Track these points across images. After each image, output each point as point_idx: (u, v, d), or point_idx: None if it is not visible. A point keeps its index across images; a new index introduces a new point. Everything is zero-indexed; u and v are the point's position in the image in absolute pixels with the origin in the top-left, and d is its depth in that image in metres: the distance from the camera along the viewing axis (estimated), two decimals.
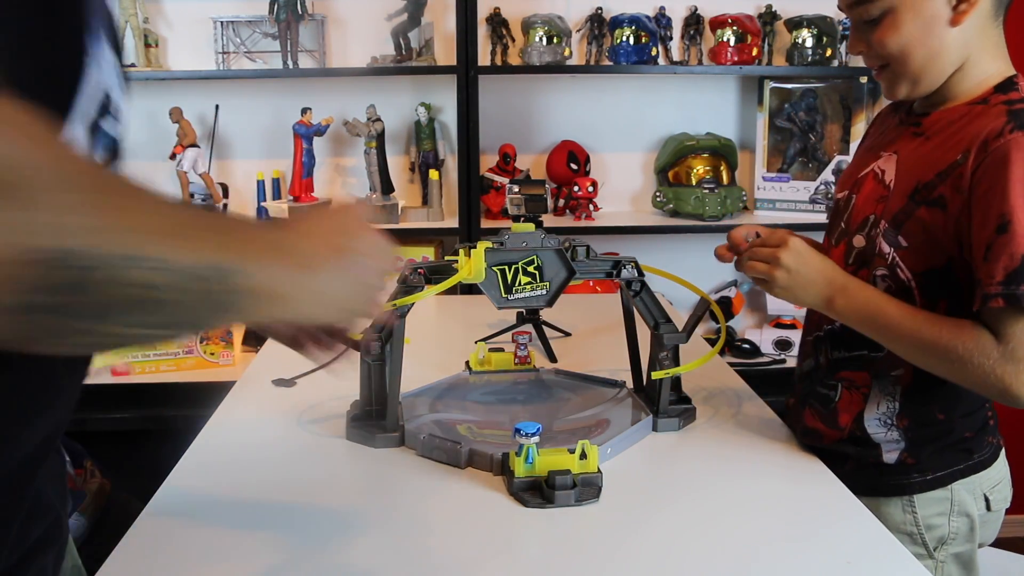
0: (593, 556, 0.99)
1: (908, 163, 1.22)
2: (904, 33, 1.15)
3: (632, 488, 1.15)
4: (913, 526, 1.25)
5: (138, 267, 0.55)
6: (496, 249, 1.26)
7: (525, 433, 1.11)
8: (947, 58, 1.17)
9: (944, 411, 1.25)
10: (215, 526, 1.06)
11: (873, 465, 1.26)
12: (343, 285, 0.68)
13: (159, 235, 0.56)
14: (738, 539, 1.03)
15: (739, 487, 1.17)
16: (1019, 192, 1.07)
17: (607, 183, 2.76)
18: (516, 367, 1.55)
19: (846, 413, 1.27)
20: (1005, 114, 1.12)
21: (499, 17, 2.61)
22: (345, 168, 2.74)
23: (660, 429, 1.33)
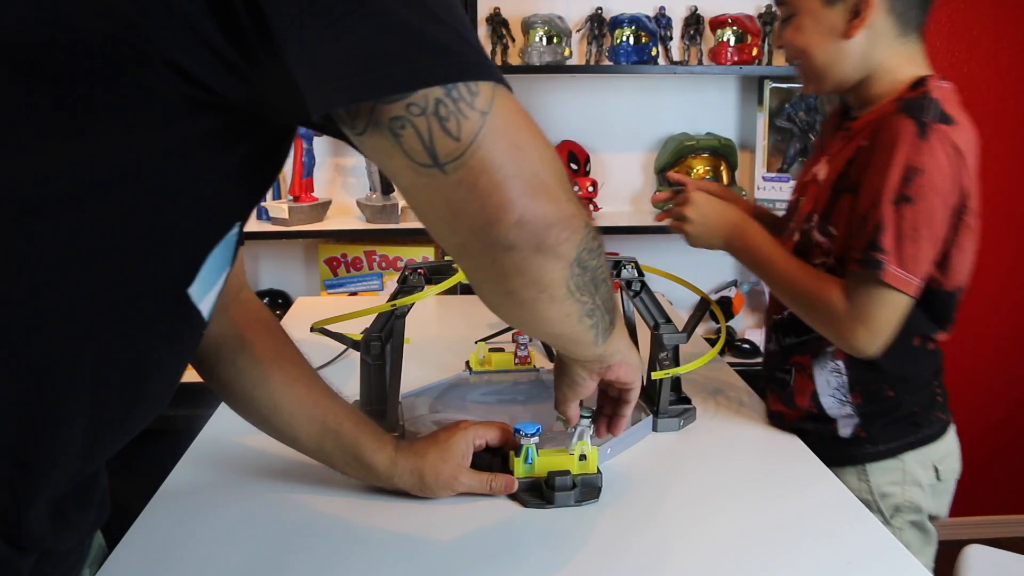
0: (593, 556, 0.99)
1: (833, 161, 1.32)
2: (806, 36, 1.29)
3: (632, 488, 1.14)
4: (868, 494, 1.33)
5: (602, 251, 0.79)
6: None
7: (525, 433, 1.10)
8: (848, 64, 1.29)
9: (893, 388, 1.32)
10: (215, 525, 1.05)
11: (830, 439, 1.34)
12: None
13: None
14: (738, 540, 1.02)
15: (739, 487, 1.16)
16: (896, 171, 1.17)
17: (607, 183, 2.75)
18: (516, 367, 1.54)
19: (801, 394, 1.36)
20: (897, 102, 1.23)
21: (499, 17, 2.60)
22: (345, 168, 2.73)
23: (660, 429, 1.32)
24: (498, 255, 0.71)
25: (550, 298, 0.76)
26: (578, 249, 0.74)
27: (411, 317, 1.26)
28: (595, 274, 0.79)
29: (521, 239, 0.69)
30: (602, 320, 0.85)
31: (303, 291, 2.73)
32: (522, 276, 0.73)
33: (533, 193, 0.68)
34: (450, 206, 0.67)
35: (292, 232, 2.50)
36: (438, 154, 0.64)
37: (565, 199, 0.71)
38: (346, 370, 1.54)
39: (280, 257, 2.74)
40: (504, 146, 0.66)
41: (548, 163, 0.69)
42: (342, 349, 1.61)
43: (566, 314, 0.79)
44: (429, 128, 0.63)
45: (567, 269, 0.74)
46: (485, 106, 0.64)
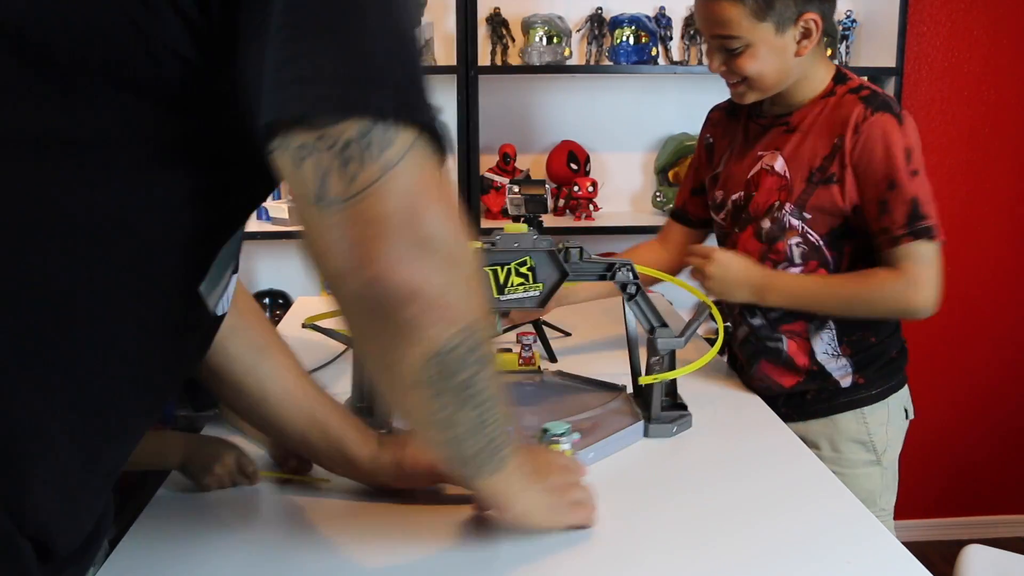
0: (573, 560, 0.96)
1: (796, 156, 1.47)
2: (760, 62, 1.41)
3: (616, 494, 1.10)
4: (866, 435, 1.54)
5: (492, 365, 0.76)
6: (488, 250, 1.23)
7: (553, 434, 1.09)
8: (792, 75, 1.46)
9: (875, 335, 1.53)
10: (214, 525, 1.05)
11: (832, 391, 1.54)
12: (538, 501, 0.92)
13: (495, 356, 0.78)
14: (722, 548, 0.99)
15: (729, 495, 1.12)
16: (900, 156, 1.38)
17: (607, 183, 2.72)
18: (520, 368, 1.52)
19: (800, 356, 1.53)
20: (859, 101, 1.42)
21: (499, 17, 2.57)
22: None
23: (652, 435, 1.29)
24: (351, 306, 0.69)
25: (393, 377, 0.73)
26: (446, 344, 0.70)
27: None
28: (464, 387, 0.74)
29: (376, 296, 0.66)
30: (461, 445, 0.79)
31: (303, 291, 2.72)
32: (371, 341, 0.71)
33: (407, 260, 0.65)
34: (320, 244, 0.65)
35: (292, 232, 2.48)
36: (326, 194, 0.62)
37: (449, 286, 0.68)
38: (336, 370, 1.54)
39: (280, 257, 2.73)
40: (397, 201, 0.63)
41: (444, 239, 0.66)
42: (337, 351, 1.59)
43: (412, 404, 0.75)
44: (329, 166, 0.62)
45: (423, 357, 0.70)
46: (393, 158, 0.63)
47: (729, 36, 1.40)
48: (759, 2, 1.37)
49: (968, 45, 2.73)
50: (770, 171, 1.49)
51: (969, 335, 2.91)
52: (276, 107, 0.62)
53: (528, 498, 0.91)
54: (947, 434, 2.94)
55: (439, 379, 0.72)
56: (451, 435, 0.78)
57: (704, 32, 1.47)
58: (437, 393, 0.73)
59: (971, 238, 2.86)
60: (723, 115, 1.65)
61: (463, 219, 0.70)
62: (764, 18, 1.38)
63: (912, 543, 1.06)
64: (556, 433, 1.09)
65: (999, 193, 2.84)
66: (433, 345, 0.69)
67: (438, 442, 0.80)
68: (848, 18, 2.64)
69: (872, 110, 1.40)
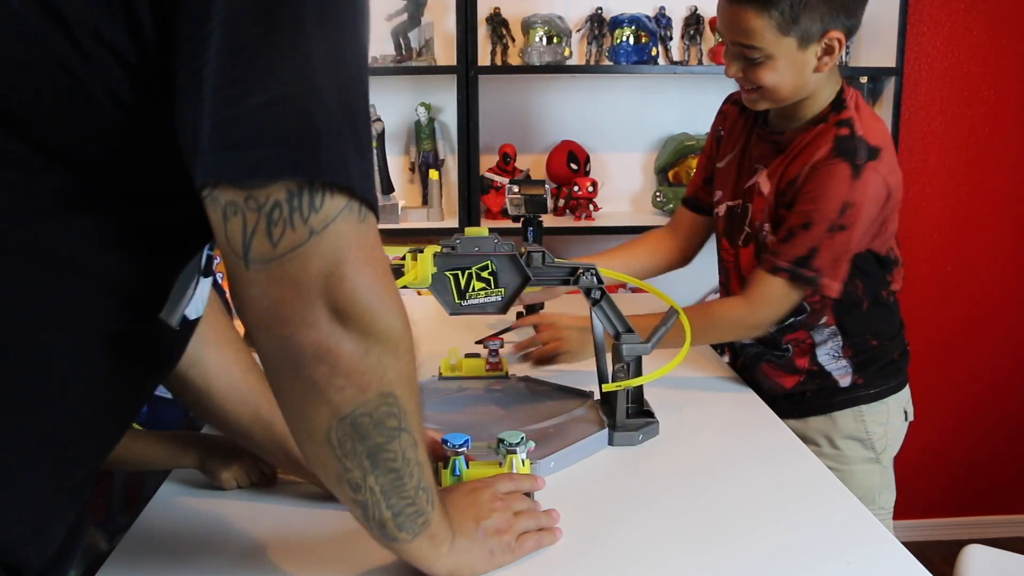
0: (527, 571, 0.94)
1: (775, 178, 1.48)
2: (779, 74, 1.40)
3: (577, 504, 1.08)
4: (864, 433, 1.56)
5: (409, 435, 0.75)
6: (447, 254, 1.21)
7: (453, 445, 1.05)
8: (806, 90, 1.44)
9: (876, 337, 1.55)
10: (214, 525, 1.05)
11: (831, 389, 1.55)
12: (472, 551, 0.89)
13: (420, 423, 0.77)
14: (724, 548, 0.99)
15: (728, 495, 1.12)
16: (834, 208, 1.37)
17: (607, 183, 2.71)
18: (488, 373, 1.49)
19: (801, 358, 1.55)
20: (831, 140, 1.40)
21: (499, 17, 2.57)
22: None
23: (617, 443, 1.26)
24: (264, 357, 0.70)
25: (306, 432, 0.73)
26: (354, 408, 0.71)
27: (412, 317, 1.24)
28: (377, 452, 0.74)
29: (285, 352, 0.67)
30: (375, 507, 0.78)
31: None
32: (282, 393, 0.72)
33: (321, 324, 0.66)
34: (241, 297, 0.66)
35: None
36: (249, 253, 0.63)
37: (365, 350, 0.68)
38: None
39: None
40: (317, 267, 0.64)
41: (368, 302, 0.67)
42: None
43: (324, 464, 0.75)
44: (255, 227, 0.62)
45: (332, 419, 0.71)
46: (319, 224, 0.63)
47: (751, 46, 1.38)
48: (786, 16, 1.34)
49: (968, 45, 2.71)
50: (759, 191, 1.51)
51: (969, 335, 2.90)
52: (207, 166, 0.62)
53: (458, 555, 0.87)
54: (947, 434, 2.93)
55: (347, 441, 0.72)
56: (361, 497, 0.77)
57: (725, 37, 1.44)
58: (344, 455, 0.73)
59: (970, 238, 2.85)
60: (736, 111, 1.63)
61: (392, 286, 0.70)
62: (788, 32, 1.36)
63: (912, 543, 1.06)
64: (512, 443, 1.06)
65: (999, 193, 2.82)
66: (342, 409, 0.70)
67: (348, 501, 0.79)
68: None
69: (834, 155, 1.39)
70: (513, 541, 0.93)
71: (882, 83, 2.60)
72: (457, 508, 0.90)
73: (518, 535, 0.94)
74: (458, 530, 0.88)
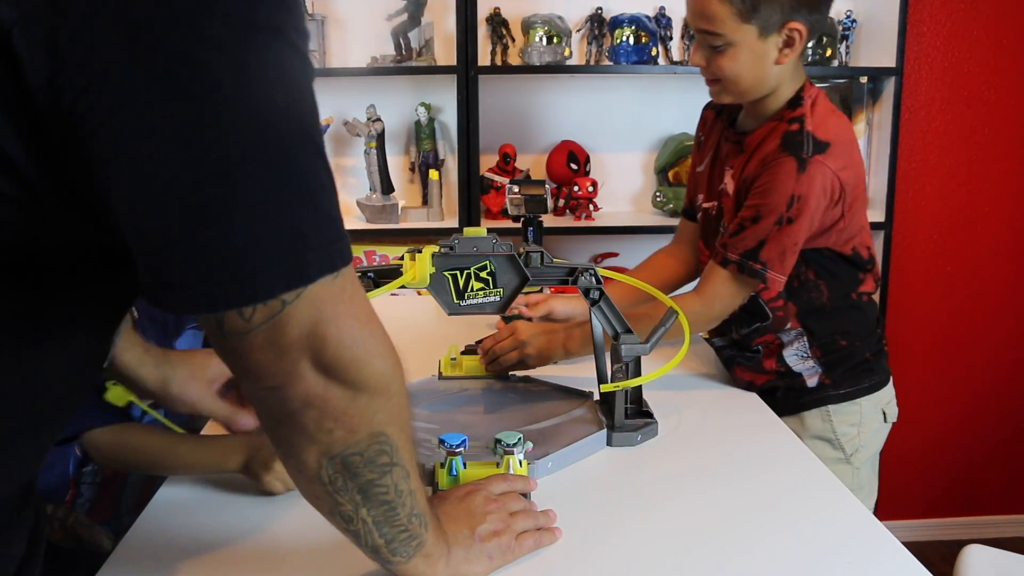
0: (524, 572, 0.93)
1: (736, 178, 1.49)
2: (739, 64, 1.41)
3: (575, 504, 1.07)
4: (831, 433, 1.55)
5: (401, 468, 0.75)
6: (446, 254, 1.20)
7: (450, 445, 1.04)
8: (768, 84, 1.45)
9: (845, 338, 1.54)
10: (215, 526, 1.04)
11: (799, 389, 1.55)
12: (470, 561, 0.88)
13: (412, 453, 0.77)
14: (725, 548, 0.99)
15: (730, 496, 1.11)
16: (782, 201, 1.38)
17: (607, 183, 2.71)
18: (487, 373, 1.48)
19: (769, 360, 1.54)
20: (779, 137, 1.41)
21: (499, 17, 2.56)
22: (345, 168, 2.69)
23: (615, 444, 1.25)
24: (253, 402, 0.70)
25: (298, 467, 0.73)
26: (344, 448, 0.71)
27: (413, 318, 1.23)
28: (368, 487, 0.74)
29: (272, 401, 0.67)
30: (367, 536, 0.78)
31: None
32: (275, 429, 0.71)
33: (308, 379, 0.65)
34: (223, 355, 0.66)
35: None
36: (224, 327, 0.62)
37: (352, 395, 0.68)
38: None
39: None
40: (295, 331, 0.63)
41: (352, 353, 0.66)
42: None
43: (316, 497, 0.75)
44: (223, 314, 0.61)
45: (322, 458, 0.71)
46: (289, 298, 0.62)
47: (712, 33, 1.40)
48: (746, 3, 1.36)
49: (968, 45, 2.71)
50: (727, 193, 1.52)
51: (969, 335, 2.90)
52: (159, 301, 0.61)
53: (455, 567, 0.87)
54: (947, 435, 2.92)
55: (338, 478, 0.73)
56: (354, 528, 0.77)
57: (691, 25, 1.46)
58: (336, 491, 0.74)
59: (969, 237, 2.85)
60: (713, 116, 1.66)
61: (377, 329, 0.69)
62: (749, 20, 1.37)
63: (912, 543, 1.07)
64: (508, 443, 1.05)
65: (998, 193, 2.82)
66: (332, 448, 0.70)
67: (341, 530, 0.79)
68: (848, 18, 2.61)
69: (781, 150, 1.40)
70: (512, 541, 0.93)
71: (882, 83, 2.59)
72: (450, 519, 0.89)
73: (516, 535, 0.93)
74: (453, 542, 0.87)
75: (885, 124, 2.57)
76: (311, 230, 0.62)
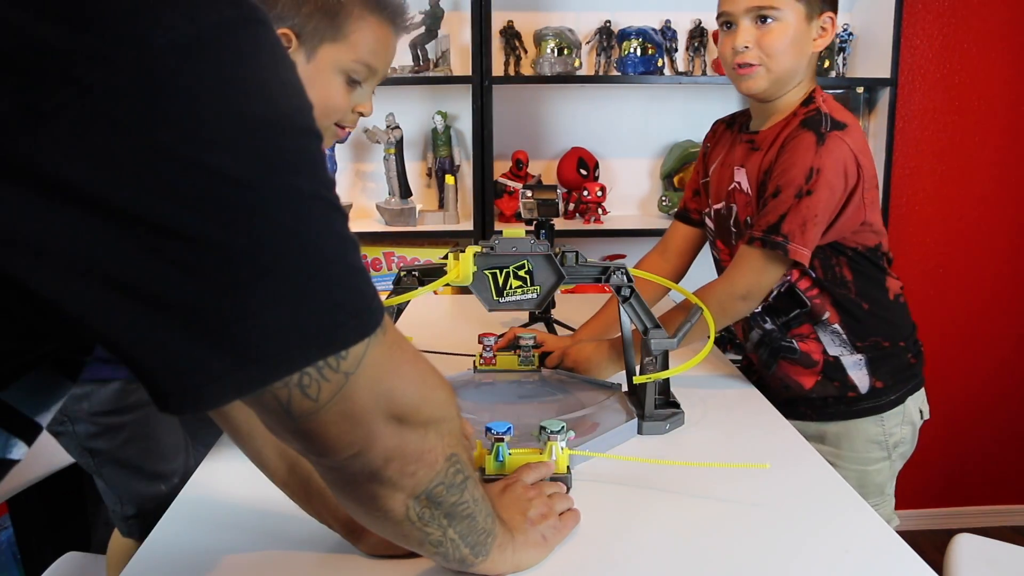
0: (566, 554, 0.96)
1: (754, 174, 1.50)
2: (787, 40, 1.44)
3: (608, 488, 1.11)
4: (883, 436, 1.57)
5: (472, 479, 0.77)
6: (487, 254, 1.24)
7: (496, 432, 1.08)
8: (799, 73, 1.48)
9: (887, 340, 1.55)
10: (227, 532, 1.03)
11: (851, 398, 1.55)
12: (529, 543, 0.91)
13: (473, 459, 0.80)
14: (722, 539, 1.00)
15: (729, 488, 1.12)
16: (800, 174, 1.39)
17: (615, 188, 2.74)
18: (520, 368, 1.52)
19: (813, 352, 1.55)
20: (800, 122, 1.44)
21: (512, 30, 2.60)
22: (365, 173, 2.74)
23: (646, 432, 1.29)
24: (331, 472, 0.68)
25: (384, 516, 0.73)
26: (429, 484, 0.71)
27: (429, 316, 1.22)
28: (452, 509, 0.75)
29: (355, 467, 0.66)
30: (455, 551, 0.80)
31: None
32: (355, 492, 0.70)
33: (383, 431, 0.64)
34: (293, 436, 0.63)
35: None
36: (293, 411, 0.59)
37: (423, 433, 0.68)
38: None
39: None
40: (364, 396, 0.61)
41: (413, 397, 0.65)
42: None
43: (403, 535, 0.76)
44: (289, 396, 0.58)
45: (408, 500, 0.71)
46: (351, 367, 0.59)
47: (768, 6, 1.43)
48: None
49: (959, 57, 2.73)
50: (741, 188, 1.54)
51: (961, 337, 2.92)
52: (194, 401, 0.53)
53: (519, 551, 0.90)
54: (939, 429, 2.91)
55: (426, 512, 0.74)
56: (442, 550, 0.79)
57: (737, 9, 1.46)
58: (425, 524, 0.75)
59: (958, 244, 2.87)
60: (723, 127, 1.69)
61: (424, 363, 0.68)
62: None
63: (904, 532, 1.06)
64: (553, 431, 1.09)
65: (989, 198, 2.84)
66: (417, 488, 0.71)
67: (429, 555, 0.80)
68: (845, 31, 2.65)
69: (800, 127, 1.44)
70: (558, 522, 0.96)
71: (877, 93, 2.63)
72: (503, 509, 0.91)
73: (559, 515, 0.98)
74: (513, 528, 0.90)
75: (880, 132, 2.60)
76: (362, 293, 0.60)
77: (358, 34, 1.22)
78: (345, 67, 1.23)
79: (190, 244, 0.49)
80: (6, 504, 2.19)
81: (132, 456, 1.64)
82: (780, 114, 1.51)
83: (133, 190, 0.48)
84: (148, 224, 0.48)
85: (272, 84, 0.53)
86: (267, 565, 0.96)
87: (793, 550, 0.98)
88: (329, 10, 1.19)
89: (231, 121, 0.50)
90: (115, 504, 1.67)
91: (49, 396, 0.67)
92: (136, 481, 1.66)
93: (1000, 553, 1.66)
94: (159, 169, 0.48)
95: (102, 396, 1.56)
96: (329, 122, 1.27)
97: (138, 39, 0.47)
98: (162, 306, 0.50)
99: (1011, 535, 2.81)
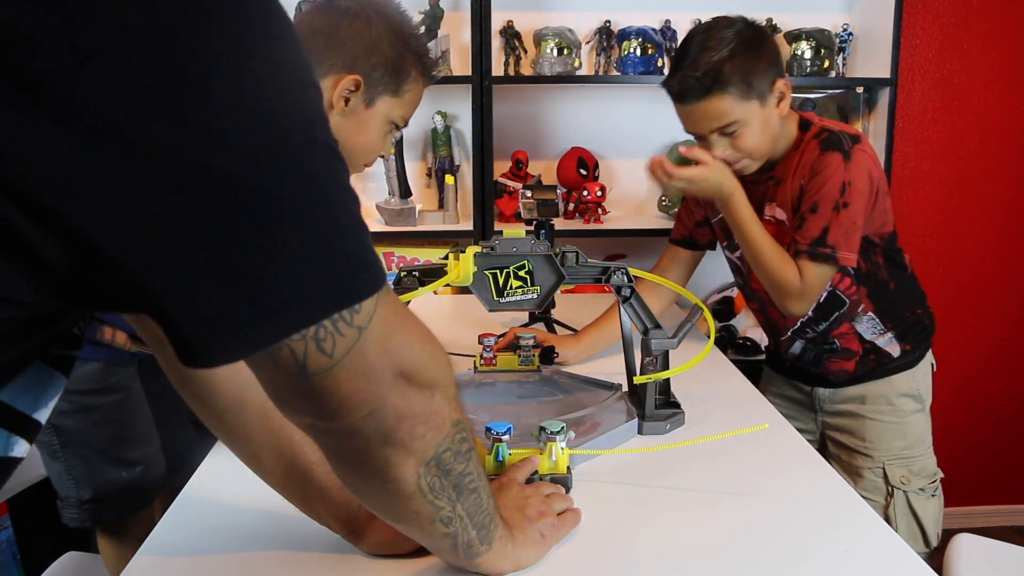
0: (564, 554, 0.96)
1: (787, 202, 1.64)
2: (756, 135, 1.57)
3: (608, 488, 1.11)
4: (916, 389, 1.79)
5: (475, 450, 0.77)
6: (487, 254, 1.23)
7: (496, 433, 1.08)
8: (780, 136, 1.62)
9: (909, 308, 1.77)
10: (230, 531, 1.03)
11: (888, 363, 1.77)
12: (528, 540, 0.92)
13: None
14: (722, 537, 1.00)
15: (729, 487, 1.12)
16: (835, 189, 1.53)
17: (615, 188, 2.74)
18: (520, 368, 1.52)
19: (852, 345, 1.75)
20: (817, 146, 1.58)
21: (512, 30, 2.60)
22: (365, 173, 2.64)
23: (646, 432, 1.29)
24: (343, 439, 0.68)
25: (396, 491, 0.73)
26: (438, 448, 0.72)
27: (429, 317, 1.22)
28: (459, 480, 0.76)
29: (368, 428, 0.66)
30: (464, 532, 0.80)
31: None
32: (367, 464, 0.71)
33: (392, 389, 0.65)
34: (306, 398, 0.63)
35: None
36: (308, 368, 0.60)
37: (431, 395, 0.69)
38: None
39: None
40: (375, 352, 0.63)
41: (419, 356, 0.67)
42: None
43: (414, 512, 0.76)
44: (305, 350, 0.59)
45: (419, 467, 0.72)
46: (363, 322, 0.61)
47: (727, 124, 1.55)
48: (741, 86, 1.52)
49: (959, 57, 2.74)
50: (773, 221, 1.65)
51: (959, 337, 2.92)
52: (220, 352, 0.55)
53: (519, 548, 0.90)
54: (937, 429, 2.96)
55: (436, 481, 0.74)
56: (452, 529, 0.79)
57: (701, 131, 1.58)
58: (436, 496, 0.75)
59: (958, 244, 2.87)
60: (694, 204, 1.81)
61: (425, 329, 0.70)
62: (749, 97, 1.53)
63: None
64: (552, 431, 1.09)
65: (988, 198, 2.85)
66: (427, 453, 0.72)
67: (439, 538, 0.80)
68: (845, 31, 2.65)
69: (823, 151, 1.57)
70: (555, 520, 0.96)
71: (877, 93, 2.63)
72: (501, 507, 0.90)
73: (556, 515, 0.97)
74: (512, 526, 0.90)
75: (880, 132, 2.60)
76: (370, 252, 0.62)
77: (411, 93, 1.38)
78: (394, 118, 1.39)
79: (221, 181, 0.51)
80: (6, 504, 2.19)
81: (99, 439, 1.65)
82: (786, 147, 1.64)
83: (172, 129, 0.49)
84: (184, 163, 0.50)
85: (297, 47, 0.56)
86: (267, 565, 0.96)
87: (793, 550, 0.98)
88: (395, 68, 1.34)
89: (268, 69, 0.53)
90: (70, 488, 1.68)
91: (45, 392, 0.68)
92: (99, 465, 1.67)
93: (1000, 553, 1.66)
94: (195, 108, 0.49)
95: (81, 374, 1.58)
96: (365, 161, 1.42)
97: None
98: (192, 247, 0.51)
99: (1011, 535, 2.81)
